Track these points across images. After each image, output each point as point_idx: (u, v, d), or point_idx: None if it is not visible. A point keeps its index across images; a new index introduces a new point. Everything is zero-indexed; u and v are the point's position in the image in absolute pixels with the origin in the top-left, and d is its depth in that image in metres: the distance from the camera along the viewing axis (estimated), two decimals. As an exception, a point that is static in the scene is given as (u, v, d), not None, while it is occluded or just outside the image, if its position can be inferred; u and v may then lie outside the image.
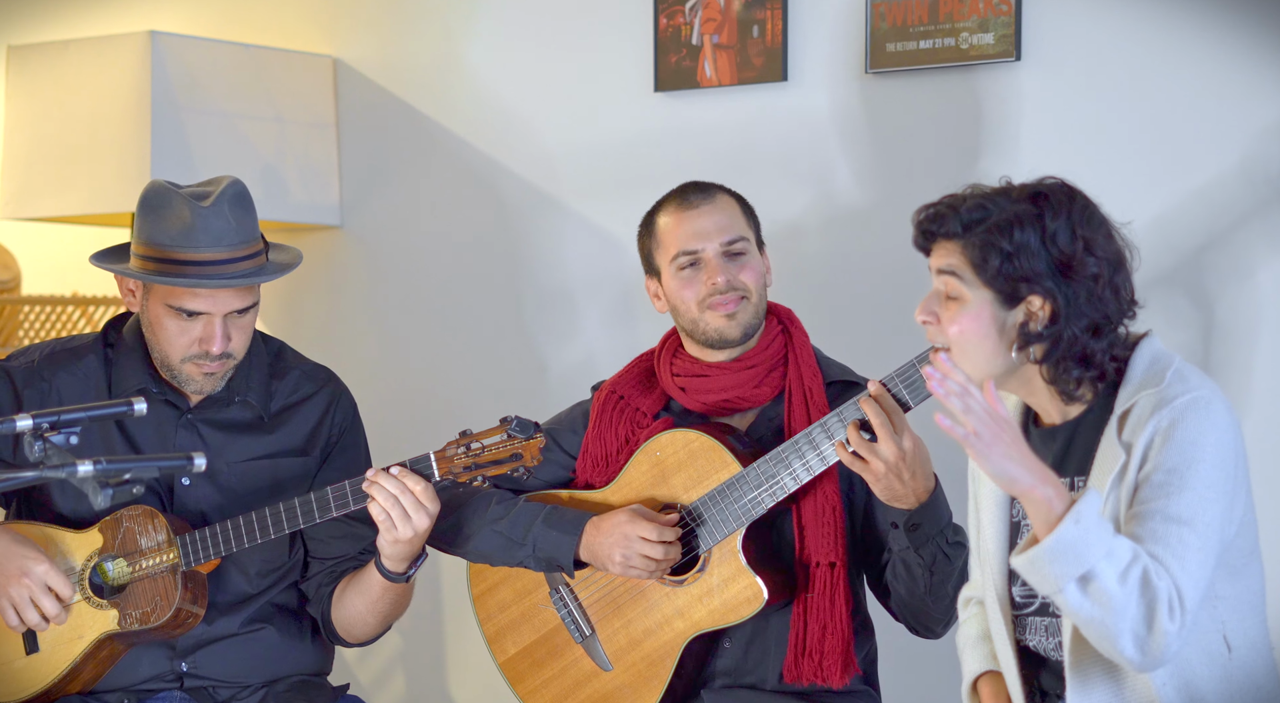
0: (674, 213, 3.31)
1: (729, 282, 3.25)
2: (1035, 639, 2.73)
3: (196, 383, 3.29)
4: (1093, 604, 2.45)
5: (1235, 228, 3.65)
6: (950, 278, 2.65)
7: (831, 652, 3.16)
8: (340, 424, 3.45)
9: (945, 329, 2.66)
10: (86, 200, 4.47)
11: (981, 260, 2.62)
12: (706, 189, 3.33)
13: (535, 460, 3.12)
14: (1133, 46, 3.79)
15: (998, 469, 2.47)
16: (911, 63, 3.98)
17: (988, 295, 2.63)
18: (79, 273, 5.14)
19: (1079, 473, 2.68)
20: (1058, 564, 2.45)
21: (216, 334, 3.24)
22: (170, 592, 3.23)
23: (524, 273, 4.57)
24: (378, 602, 3.33)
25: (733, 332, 3.26)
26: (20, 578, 3.20)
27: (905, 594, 3.17)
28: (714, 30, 4.23)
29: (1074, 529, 2.44)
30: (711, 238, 3.27)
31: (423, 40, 4.70)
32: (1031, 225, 2.61)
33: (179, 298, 3.24)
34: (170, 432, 3.34)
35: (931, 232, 2.69)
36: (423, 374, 4.72)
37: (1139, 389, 2.61)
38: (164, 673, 3.34)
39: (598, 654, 3.32)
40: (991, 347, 2.64)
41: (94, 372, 3.36)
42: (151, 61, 4.39)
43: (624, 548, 3.19)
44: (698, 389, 3.29)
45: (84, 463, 2.49)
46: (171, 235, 3.23)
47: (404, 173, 4.73)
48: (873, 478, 3.01)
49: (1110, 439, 2.61)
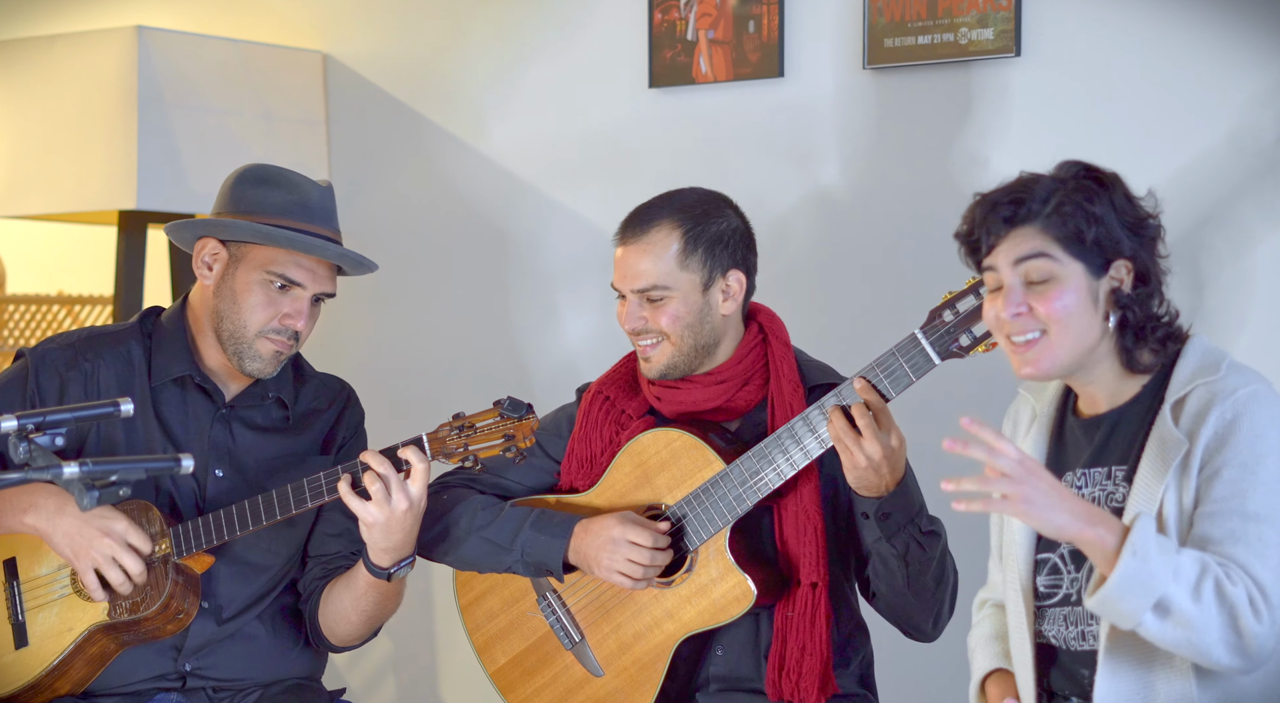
0: (616, 241, 3.34)
1: (634, 328, 3.28)
2: (1055, 629, 2.76)
3: (261, 361, 3.36)
4: (1175, 628, 2.50)
5: (1229, 206, 3.68)
6: (1036, 261, 2.68)
7: (809, 673, 3.18)
8: (349, 430, 3.54)
9: (1047, 310, 2.67)
10: (72, 198, 4.50)
11: (1074, 232, 2.66)
12: (645, 222, 3.29)
13: (528, 441, 3.16)
14: (1136, 42, 3.80)
15: (1044, 522, 2.52)
16: (910, 59, 3.99)
17: (1079, 268, 2.68)
18: (64, 271, 5.18)
19: (1119, 463, 2.73)
20: (1128, 600, 2.50)
21: (305, 310, 3.35)
22: (160, 582, 3.28)
23: (515, 271, 4.60)
24: (361, 599, 3.37)
25: (650, 372, 3.30)
26: (103, 537, 3.25)
27: (888, 591, 3.21)
28: (709, 25, 4.25)
29: (1133, 563, 2.49)
30: (627, 282, 3.29)
31: (414, 36, 4.71)
32: (1101, 193, 2.69)
33: (283, 265, 3.33)
34: (206, 424, 3.41)
35: (1009, 215, 2.70)
36: (415, 372, 4.74)
37: (1193, 378, 2.66)
38: (167, 673, 3.38)
39: (588, 660, 3.35)
40: (1089, 318, 2.69)
41: (137, 358, 3.43)
42: (138, 57, 4.40)
43: (612, 553, 3.22)
44: (670, 400, 3.32)
45: (69, 464, 2.52)
46: (287, 205, 3.34)
47: (394, 171, 4.75)
48: (851, 467, 3.05)
49: (1166, 427, 2.65)
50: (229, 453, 3.41)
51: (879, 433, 3.02)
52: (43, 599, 3.37)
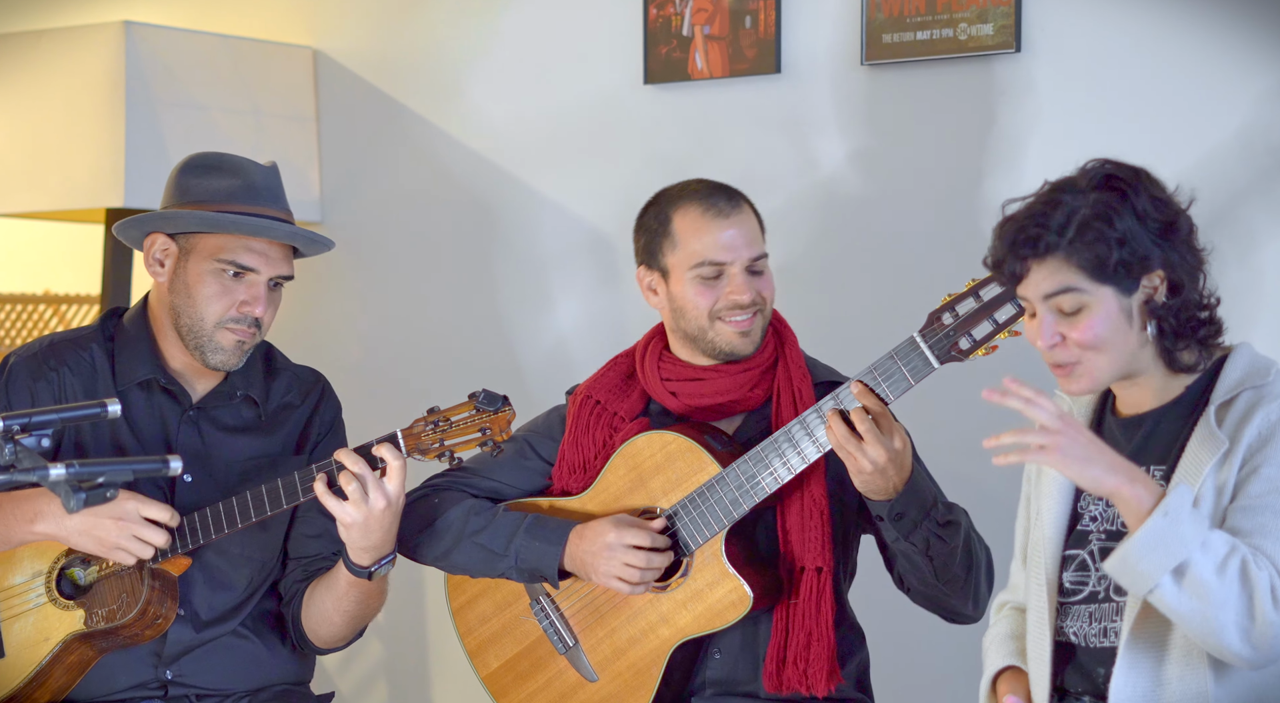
0: (700, 216, 3.29)
1: (753, 300, 3.27)
2: (1076, 626, 2.77)
3: (225, 353, 3.35)
4: (1190, 597, 2.51)
5: (1236, 206, 3.67)
6: (1064, 296, 2.68)
7: (817, 659, 3.18)
8: (324, 426, 3.51)
9: (1081, 338, 2.68)
10: (59, 196, 4.49)
11: (1097, 261, 2.65)
12: (734, 197, 3.32)
13: (504, 434, 3.14)
14: (1139, 37, 3.79)
15: (1080, 473, 2.56)
16: (908, 54, 3.99)
17: (1109, 291, 2.68)
18: (51, 270, 5.17)
19: (1158, 463, 2.74)
20: (1149, 558, 2.52)
21: (261, 296, 3.33)
22: (136, 588, 3.27)
23: (508, 270, 4.59)
24: (343, 599, 3.36)
25: (746, 348, 3.29)
26: (117, 523, 3.23)
27: (919, 585, 3.20)
28: (705, 21, 4.24)
29: (1163, 522, 2.51)
30: (740, 252, 3.27)
31: (406, 31, 4.71)
32: (1125, 208, 2.67)
33: (233, 252, 3.31)
34: (173, 426, 3.40)
35: (1027, 255, 2.69)
36: (405, 371, 4.73)
37: (1240, 384, 2.69)
38: (148, 681, 3.37)
39: (582, 665, 3.34)
40: (1125, 335, 2.70)
41: (100, 362, 3.41)
42: (126, 53, 4.40)
43: (608, 558, 3.21)
44: (691, 393, 3.31)
45: (55, 466, 2.51)
46: (232, 190, 3.33)
47: (386, 167, 4.74)
48: (855, 472, 3.04)
49: (1209, 427, 2.67)
50: (198, 456, 3.38)
51: (881, 437, 3.00)
52: (18, 609, 3.36)
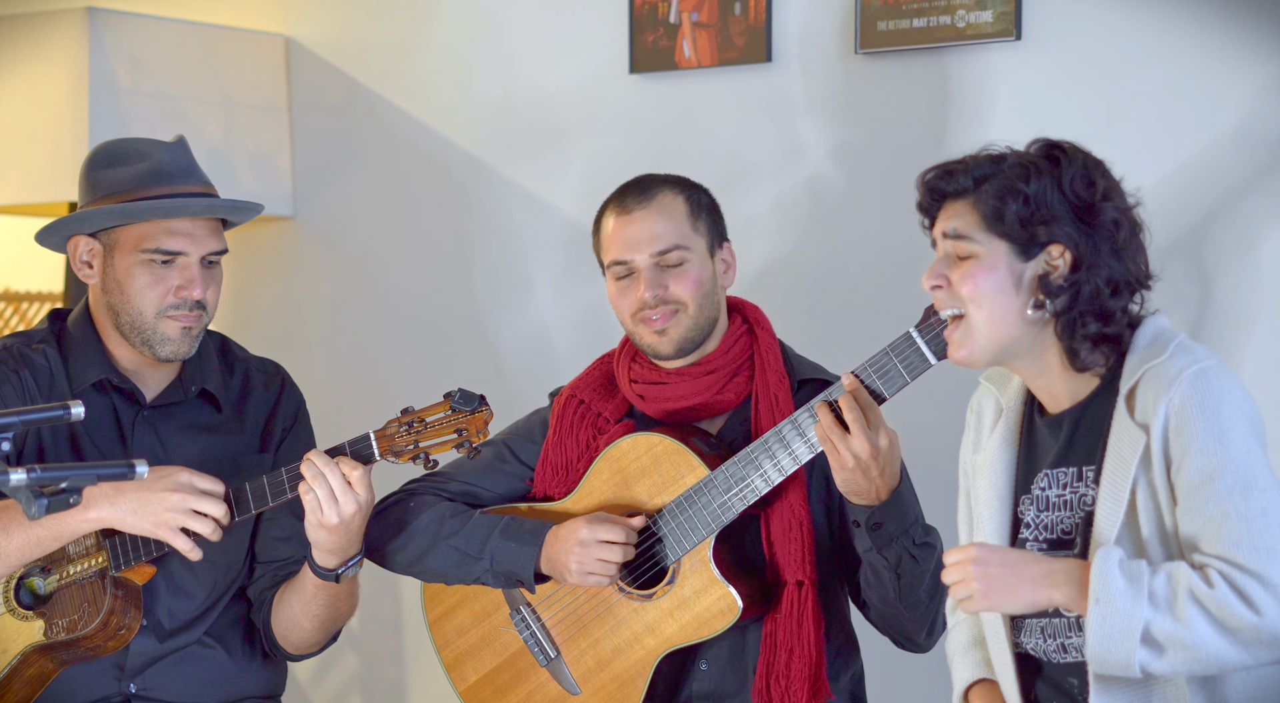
0: (609, 217, 3.34)
1: (656, 296, 3.26)
2: (1032, 642, 2.76)
3: (173, 343, 3.33)
4: (1173, 651, 2.53)
5: (1236, 200, 3.68)
6: (960, 242, 2.70)
7: (798, 676, 3.17)
8: (287, 419, 3.50)
9: (958, 290, 2.70)
10: (20, 189, 4.48)
11: (995, 211, 2.66)
12: (646, 189, 3.33)
13: (481, 435, 3.13)
14: (1141, 26, 3.79)
15: (1014, 603, 2.63)
16: (904, 42, 3.97)
17: (1003, 247, 2.68)
18: (12, 267, 5.16)
19: (1086, 463, 2.72)
20: (1113, 649, 2.55)
21: (196, 277, 3.32)
22: (99, 597, 3.24)
23: (487, 263, 4.58)
24: (310, 603, 3.35)
25: (665, 347, 3.29)
26: (174, 494, 3.20)
27: (879, 602, 3.19)
28: (693, 7, 4.23)
29: (1099, 611, 2.54)
30: (641, 248, 3.28)
31: (381, 18, 4.70)
32: (1047, 173, 2.68)
33: (156, 238, 3.30)
34: (127, 430, 3.38)
35: (940, 189, 2.73)
36: (379, 367, 4.71)
37: (1141, 363, 2.65)
38: (110, 695, 3.35)
39: (564, 678, 3.33)
40: (1007, 301, 2.68)
41: (56, 365, 3.39)
42: (90, 40, 4.39)
43: (581, 555, 3.20)
44: (656, 397, 3.31)
45: (16, 471, 2.50)
46: (140, 177, 3.31)
47: (360, 159, 4.73)
48: (838, 467, 3.03)
49: (1123, 421, 2.65)
50: (156, 459, 3.34)
51: (867, 431, 2.99)
52: None
